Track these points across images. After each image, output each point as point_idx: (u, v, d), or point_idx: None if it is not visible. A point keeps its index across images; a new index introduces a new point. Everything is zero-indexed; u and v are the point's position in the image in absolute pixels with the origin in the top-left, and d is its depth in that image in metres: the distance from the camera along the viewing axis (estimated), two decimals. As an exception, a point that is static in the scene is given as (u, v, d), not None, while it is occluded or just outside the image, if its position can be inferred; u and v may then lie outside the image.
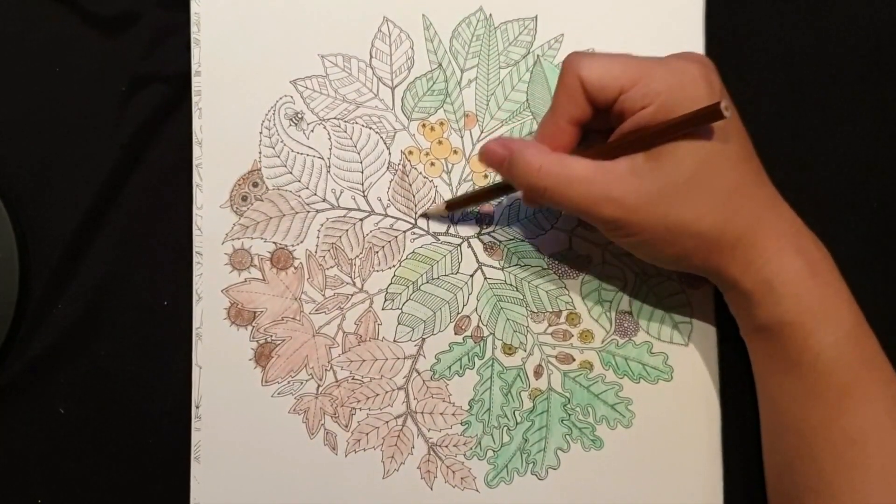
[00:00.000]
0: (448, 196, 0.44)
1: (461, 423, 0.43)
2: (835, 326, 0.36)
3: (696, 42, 0.43)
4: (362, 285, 0.43)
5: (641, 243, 0.37)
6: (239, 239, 0.43)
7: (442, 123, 0.44)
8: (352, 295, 0.43)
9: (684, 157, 0.35)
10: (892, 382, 0.36)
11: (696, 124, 0.34)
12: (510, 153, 0.37)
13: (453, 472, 0.43)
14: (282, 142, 0.44)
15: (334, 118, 0.44)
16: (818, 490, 0.36)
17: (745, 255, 0.36)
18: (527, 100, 0.44)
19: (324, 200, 0.44)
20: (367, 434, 0.43)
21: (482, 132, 0.44)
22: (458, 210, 0.43)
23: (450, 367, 0.43)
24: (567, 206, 0.37)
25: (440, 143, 0.44)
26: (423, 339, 0.43)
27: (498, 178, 0.42)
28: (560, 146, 0.37)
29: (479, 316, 0.43)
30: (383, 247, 0.44)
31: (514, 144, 0.37)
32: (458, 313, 0.43)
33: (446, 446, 0.43)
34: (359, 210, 0.44)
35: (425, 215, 0.44)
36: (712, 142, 0.35)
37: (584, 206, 0.36)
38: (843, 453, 0.35)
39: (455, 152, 0.44)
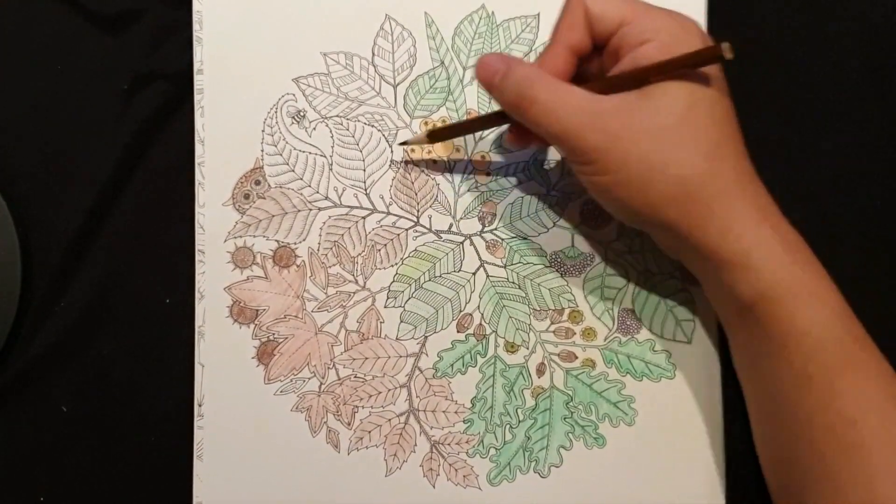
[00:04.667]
0: (450, 194, 0.44)
1: (463, 421, 0.43)
2: (821, 306, 0.35)
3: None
4: (364, 283, 0.43)
5: (618, 184, 0.35)
6: (241, 237, 0.43)
7: (444, 121, 0.44)
8: (354, 293, 0.43)
9: (676, 99, 0.35)
10: (882, 362, 0.36)
11: (697, 65, 0.34)
12: (507, 67, 0.37)
13: (456, 469, 0.43)
14: (284, 140, 0.44)
15: (336, 116, 0.44)
16: (821, 477, 0.35)
17: (723, 218, 0.35)
18: (529, 97, 0.44)
19: (326, 198, 0.44)
20: (369, 432, 0.43)
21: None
22: (440, 141, 0.43)
23: (452, 365, 0.43)
24: (553, 130, 0.36)
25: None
26: (426, 337, 0.43)
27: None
28: (555, 72, 0.37)
29: (482, 314, 0.43)
30: (385, 245, 0.44)
31: (513, 59, 0.37)
32: (461, 311, 0.43)
33: (449, 444, 0.43)
34: (361, 208, 0.44)
35: (405, 142, 0.43)
36: (706, 94, 0.35)
37: (570, 132, 0.35)
38: (843, 436, 0.34)
39: (457, 150, 0.44)
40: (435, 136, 0.42)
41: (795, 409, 0.35)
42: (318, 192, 0.44)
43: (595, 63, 0.38)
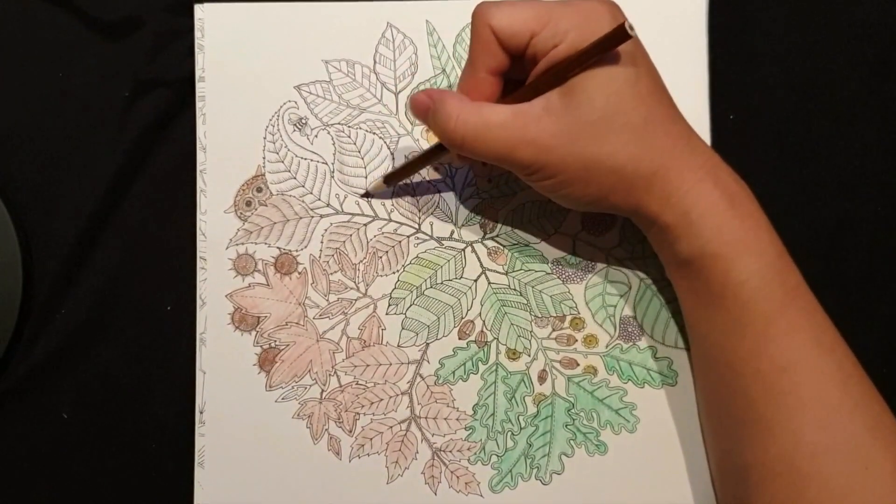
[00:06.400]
0: (452, 201, 0.44)
1: (465, 428, 0.43)
2: (756, 257, 0.36)
3: (699, 46, 0.44)
4: (366, 290, 0.43)
5: (561, 184, 0.37)
6: (243, 244, 0.43)
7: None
8: (356, 300, 0.43)
9: (595, 92, 0.35)
10: (817, 312, 0.37)
11: (605, 49, 0.34)
12: (433, 103, 0.38)
13: (457, 477, 0.43)
14: (286, 147, 0.44)
15: (338, 123, 0.44)
16: (752, 421, 0.36)
17: (663, 188, 0.36)
18: (530, 105, 0.44)
19: (328, 205, 0.44)
20: (371, 439, 0.43)
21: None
22: (397, 182, 0.43)
23: (454, 372, 0.43)
24: (486, 154, 0.37)
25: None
26: (427, 344, 0.43)
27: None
28: (481, 97, 0.37)
29: (483, 320, 0.43)
30: (387, 251, 0.44)
31: (437, 94, 0.38)
32: (462, 318, 0.43)
33: (450, 451, 0.43)
34: (362, 215, 0.44)
35: (367, 194, 0.44)
36: (623, 78, 0.35)
37: (503, 152, 0.36)
38: (774, 383, 0.35)
39: (458, 157, 0.44)
40: (390, 179, 0.43)
41: (730, 357, 0.37)
42: (319, 200, 0.44)
43: (520, 68, 0.38)
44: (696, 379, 0.41)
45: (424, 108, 0.38)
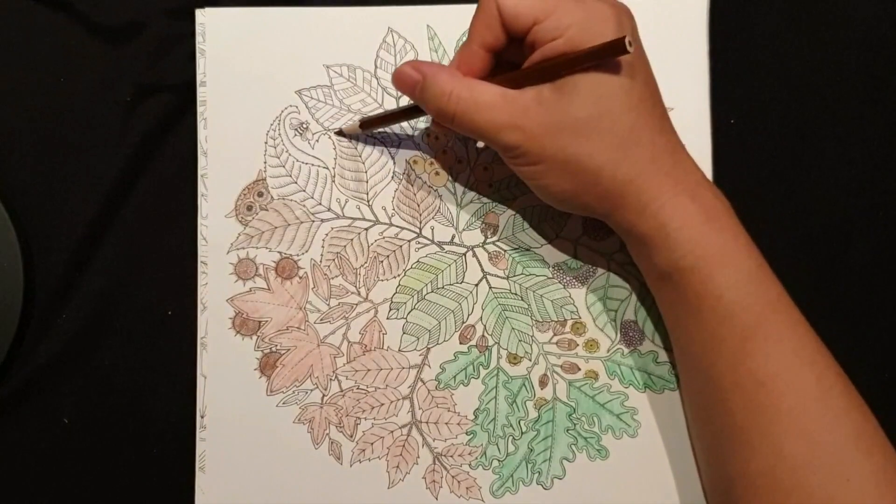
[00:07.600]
0: (452, 205, 0.44)
1: (466, 433, 0.43)
2: (734, 270, 0.36)
3: (700, 50, 0.44)
4: (367, 295, 0.43)
5: (540, 173, 0.37)
6: (244, 248, 0.43)
7: (446, 133, 0.44)
8: (357, 304, 0.43)
9: (587, 92, 0.35)
10: (798, 324, 0.36)
11: (601, 57, 0.35)
12: (423, 77, 0.38)
13: (458, 481, 0.43)
14: (287, 152, 0.44)
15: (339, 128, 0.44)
16: (734, 435, 0.36)
17: (638, 198, 0.36)
18: (531, 109, 0.44)
19: (328, 210, 0.44)
20: (372, 444, 0.43)
21: (487, 141, 0.44)
22: (371, 129, 0.43)
23: (455, 377, 0.43)
24: (473, 132, 0.37)
25: (444, 152, 0.44)
26: (428, 349, 0.43)
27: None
28: (472, 71, 0.38)
29: (484, 325, 0.43)
30: (388, 256, 0.44)
31: (427, 68, 0.38)
32: (463, 322, 0.43)
33: (451, 456, 0.43)
34: (363, 219, 0.44)
35: (341, 132, 0.44)
36: (617, 83, 0.36)
37: (490, 133, 0.37)
38: (753, 396, 0.35)
39: (459, 161, 0.44)
40: (366, 125, 0.43)
41: (710, 370, 0.37)
42: (320, 204, 0.44)
43: (514, 52, 0.38)
44: (682, 390, 0.41)
45: (412, 82, 0.38)
